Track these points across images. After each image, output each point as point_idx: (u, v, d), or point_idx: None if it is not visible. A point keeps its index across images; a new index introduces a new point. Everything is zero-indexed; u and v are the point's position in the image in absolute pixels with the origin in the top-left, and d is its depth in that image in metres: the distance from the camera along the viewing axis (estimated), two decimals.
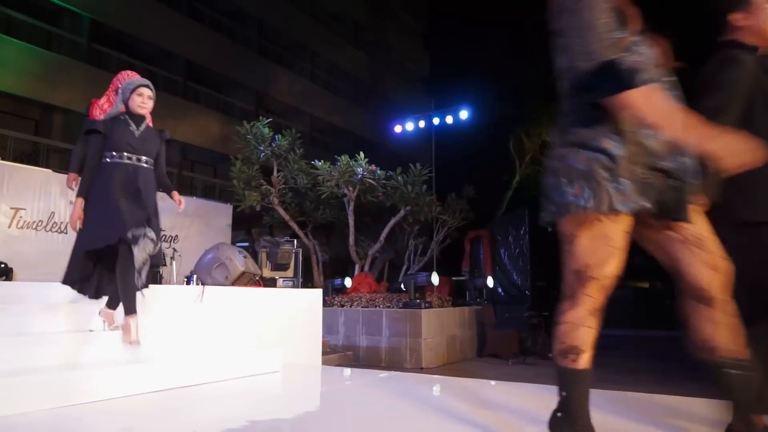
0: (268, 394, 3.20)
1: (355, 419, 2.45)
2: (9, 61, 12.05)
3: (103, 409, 2.49)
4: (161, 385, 2.95)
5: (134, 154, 3.13)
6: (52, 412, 2.36)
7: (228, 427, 2.38)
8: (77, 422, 2.30)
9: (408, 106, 21.29)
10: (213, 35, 16.74)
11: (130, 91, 3.17)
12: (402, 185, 9.62)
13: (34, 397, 2.34)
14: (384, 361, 7.07)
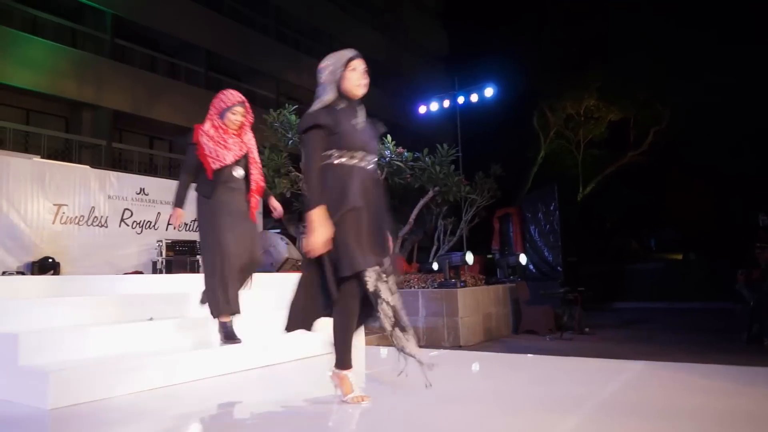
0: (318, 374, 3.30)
1: (425, 395, 2.52)
2: (36, 61, 12.29)
3: (175, 393, 2.60)
4: (224, 369, 3.06)
5: None
6: (133, 397, 2.48)
7: (303, 405, 2.47)
8: (155, 405, 2.41)
9: (428, 87, 21.12)
10: (232, 24, 16.78)
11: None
12: (430, 166, 9.61)
13: (121, 382, 2.47)
14: (422, 340, 7.16)
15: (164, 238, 8.28)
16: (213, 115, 3.31)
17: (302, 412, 2.40)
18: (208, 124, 3.29)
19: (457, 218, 11.25)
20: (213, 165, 3.19)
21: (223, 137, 3.26)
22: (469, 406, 2.35)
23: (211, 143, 3.22)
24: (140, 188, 8.68)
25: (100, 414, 2.24)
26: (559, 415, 2.12)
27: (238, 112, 3.30)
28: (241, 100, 3.31)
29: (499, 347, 6.67)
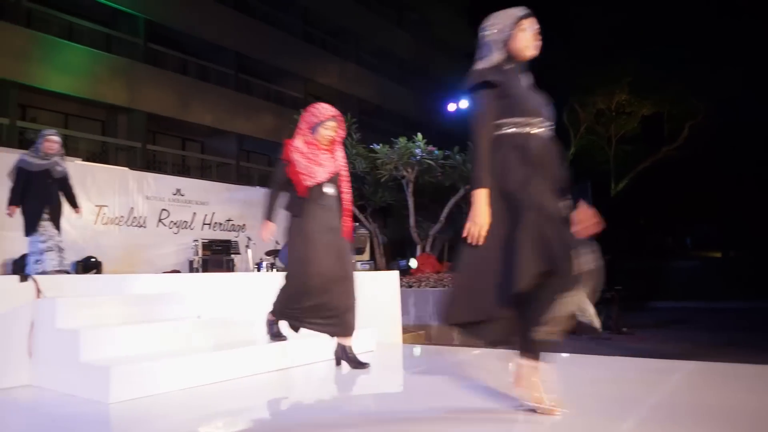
0: (371, 371, 3.32)
1: (471, 391, 2.52)
2: (73, 66, 12.63)
3: (218, 391, 2.64)
4: (266, 367, 3.09)
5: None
6: (187, 392, 2.53)
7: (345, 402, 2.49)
8: (206, 400, 2.46)
9: (456, 84, 21.01)
10: (260, 26, 16.98)
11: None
12: (461, 164, 9.56)
13: (175, 378, 2.53)
14: (456, 339, 7.13)
15: (200, 238, 8.45)
16: (304, 129, 3.14)
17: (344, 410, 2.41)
18: (300, 140, 3.11)
19: None
20: (306, 182, 3.04)
21: (315, 153, 3.09)
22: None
23: (303, 160, 3.05)
24: (176, 189, 8.86)
25: (157, 408, 2.30)
26: (618, 416, 2.09)
27: (331, 127, 3.13)
28: (334, 114, 3.16)
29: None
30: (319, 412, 2.38)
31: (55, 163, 5.16)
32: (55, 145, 5.15)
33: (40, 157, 5.07)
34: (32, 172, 5.03)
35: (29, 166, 5.04)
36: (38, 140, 5.20)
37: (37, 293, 2.85)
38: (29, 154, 5.15)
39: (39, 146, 5.12)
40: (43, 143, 5.10)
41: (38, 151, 5.10)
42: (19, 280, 2.82)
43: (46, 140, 5.12)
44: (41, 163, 5.07)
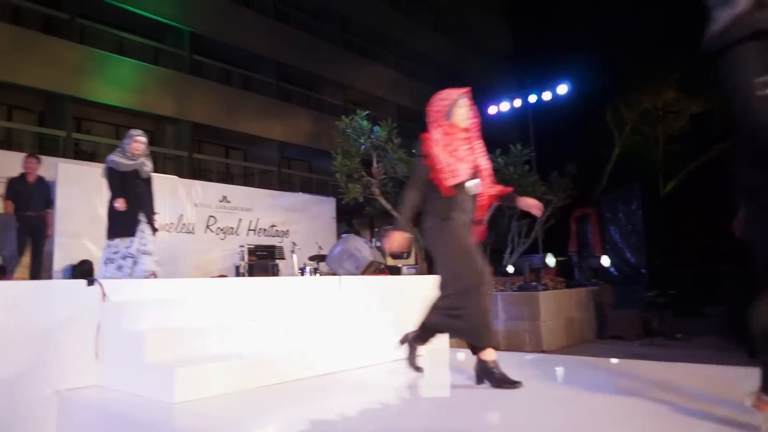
0: (431, 375, 3.30)
1: (523, 398, 2.47)
2: (123, 79, 13.14)
3: (272, 393, 2.67)
4: (319, 370, 3.11)
5: None
6: (249, 393, 2.58)
7: (394, 406, 2.48)
8: (258, 402, 2.50)
9: (494, 87, 20.81)
10: (300, 35, 17.26)
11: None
12: (503, 167, 9.45)
13: (236, 379, 2.58)
14: (502, 344, 7.02)
15: (246, 244, 8.62)
16: (438, 118, 2.89)
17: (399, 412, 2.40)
18: (437, 131, 2.88)
19: (532, 220, 10.99)
20: (449, 181, 2.76)
21: (455, 144, 2.85)
22: (603, 410, 2.27)
23: (444, 155, 2.80)
24: (223, 196, 9.08)
25: (221, 408, 2.35)
26: (695, 423, 2.00)
27: (464, 104, 2.89)
28: (463, 90, 2.90)
29: (587, 351, 6.42)
30: (379, 414, 2.38)
31: (142, 164, 5.04)
32: (142, 146, 5.00)
33: (127, 157, 4.93)
34: (122, 172, 4.91)
35: (119, 166, 4.91)
36: (125, 140, 5.03)
37: (102, 296, 2.95)
38: (117, 154, 4.98)
39: (126, 146, 4.96)
40: (130, 143, 4.94)
41: (125, 152, 4.95)
42: (87, 284, 2.93)
43: (134, 141, 4.96)
44: (129, 164, 4.94)
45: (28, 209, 6.32)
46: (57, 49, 12.01)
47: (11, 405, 2.59)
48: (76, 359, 2.84)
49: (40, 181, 6.53)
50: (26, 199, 6.31)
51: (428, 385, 3.12)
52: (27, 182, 6.38)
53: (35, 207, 6.39)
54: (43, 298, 2.79)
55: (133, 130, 5.13)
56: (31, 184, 6.40)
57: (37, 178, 6.49)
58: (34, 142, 11.87)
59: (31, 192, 6.37)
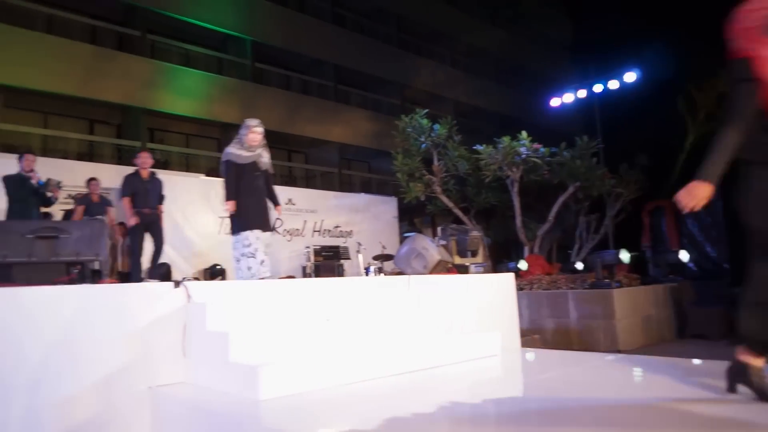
0: (499, 375, 3.25)
1: (622, 402, 2.37)
2: (191, 90, 13.75)
3: (351, 391, 2.69)
4: (394, 369, 3.11)
5: None
6: (319, 393, 2.62)
7: (482, 407, 2.45)
8: (344, 399, 2.53)
9: (555, 78, 20.21)
10: (356, 37, 17.46)
11: None
12: (569, 160, 9.16)
13: (319, 377, 2.63)
14: (575, 343, 6.81)
15: (311, 245, 8.80)
16: (757, 34, 2.05)
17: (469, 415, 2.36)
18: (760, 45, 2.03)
19: (601, 214, 10.58)
20: None
21: None
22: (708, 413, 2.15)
23: None
24: (288, 199, 9.32)
25: (306, 405, 2.40)
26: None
27: None
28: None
29: (667, 351, 6.11)
30: (453, 414, 2.35)
31: (259, 155, 4.72)
32: (259, 136, 4.68)
33: (245, 148, 4.60)
34: (240, 165, 4.57)
35: (237, 158, 4.58)
36: (242, 131, 4.68)
37: (187, 298, 3.09)
38: (234, 146, 4.65)
39: (243, 137, 4.61)
40: (247, 134, 4.60)
41: (243, 143, 4.60)
42: (173, 287, 3.08)
43: (251, 131, 4.62)
44: (248, 155, 4.61)
45: (145, 206, 6.12)
46: (130, 64, 12.73)
47: (110, 400, 2.76)
48: (166, 357, 2.99)
49: (153, 177, 6.33)
50: (142, 196, 6.12)
51: (501, 385, 3.07)
52: (142, 179, 6.21)
53: (150, 204, 6.19)
54: (135, 299, 2.95)
55: (249, 119, 4.78)
56: (146, 180, 6.22)
57: (150, 174, 6.29)
58: (114, 153, 12.64)
59: (146, 188, 6.18)
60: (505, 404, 2.56)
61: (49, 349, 2.63)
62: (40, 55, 11.16)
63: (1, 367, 2.50)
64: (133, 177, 6.20)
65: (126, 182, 6.16)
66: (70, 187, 7.79)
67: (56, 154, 11.11)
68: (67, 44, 11.77)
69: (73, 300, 2.75)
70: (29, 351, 2.58)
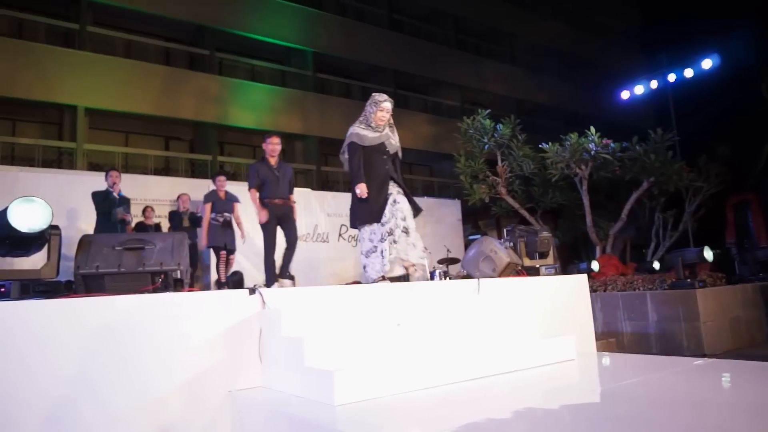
0: (576, 381, 3.14)
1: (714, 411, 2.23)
2: (256, 103, 14.27)
3: (429, 396, 2.68)
4: (467, 375, 3.07)
5: None
6: (405, 395, 2.63)
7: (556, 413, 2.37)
8: (412, 406, 2.52)
9: (622, 70, 19.35)
10: (414, 41, 17.50)
11: None
12: (642, 155, 8.74)
13: (393, 382, 2.65)
14: (654, 347, 6.47)
15: None
16: None
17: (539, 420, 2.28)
18: None
19: (679, 210, 10.01)
20: None
21: None
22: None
23: None
24: None
25: (379, 410, 2.42)
26: None
27: None
28: None
29: (760, 354, 5.68)
30: (527, 418, 2.29)
31: (387, 136, 4.09)
32: (387, 114, 4.08)
33: (372, 128, 4.04)
34: (367, 147, 4.01)
35: (363, 140, 4.03)
36: (369, 108, 4.12)
37: (262, 304, 3.20)
38: (360, 125, 4.10)
39: (370, 115, 4.03)
40: (375, 112, 4.04)
41: (370, 121, 4.04)
42: (249, 293, 3.20)
43: (379, 108, 4.03)
44: (375, 136, 4.03)
45: (276, 196, 5.21)
46: (201, 82, 13.39)
47: (193, 403, 2.90)
48: (244, 362, 3.10)
49: (282, 165, 5.38)
50: (272, 185, 5.19)
51: (579, 391, 2.95)
52: (271, 166, 5.25)
53: (281, 194, 5.28)
54: (213, 306, 3.09)
55: (376, 94, 4.24)
56: (275, 168, 5.25)
57: (278, 163, 5.32)
58: (187, 167, 13.32)
59: (276, 177, 5.22)
60: (583, 410, 2.47)
61: (137, 353, 2.80)
62: (120, 79, 11.97)
63: (96, 369, 2.69)
64: (261, 165, 5.26)
65: (253, 172, 5.25)
66: (150, 200, 8.30)
67: (136, 170, 11.83)
68: (144, 66, 12.56)
69: (157, 307, 2.91)
70: (121, 354, 2.76)
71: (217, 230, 7.03)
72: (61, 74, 11.36)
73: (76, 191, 7.13)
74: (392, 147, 4.21)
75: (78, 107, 11.66)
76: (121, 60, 12.40)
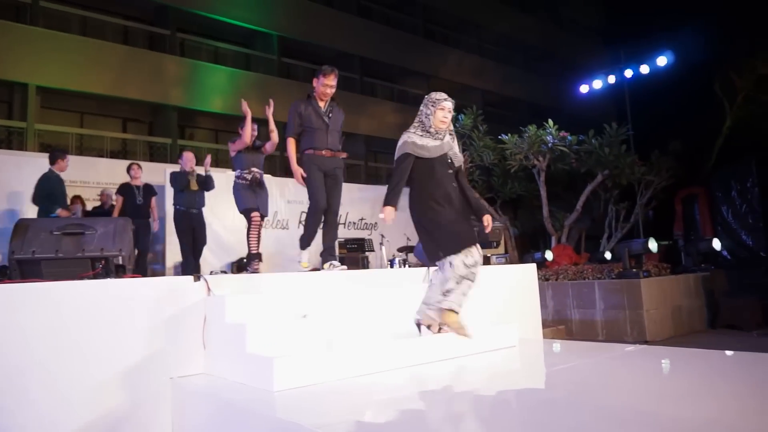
0: (515, 366, 3.25)
1: (634, 389, 2.36)
2: (219, 86, 13.99)
3: (369, 382, 2.74)
4: (411, 361, 3.15)
5: None
6: (343, 381, 2.68)
7: (496, 396, 2.46)
8: (352, 392, 2.58)
9: (586, 64, 19.75)
10: (381, 29, 17.42)
11: None
12: (597, 148, 8.98)
13: (332, 368, 2.70)
14: (601, 334, 6.72)
15: (336, 237, 8.88)
16: None
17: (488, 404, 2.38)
18: None
19: (631, 202, 10.35)
20: None
21: None
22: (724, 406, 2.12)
23: None
24: None
25: (319, 396, 2.47)
26: None
27: None
28: None
29: (697, 342, 5.98)
30: (471, 402, 2.38)
31: (449, 146, 3.21)
32: (449, 116, 3.17)
33: (431, 134, 3.14)
34: (427, 159, 3.12)
35: (422, 150, 3.11)
36: (425, 109, 3.18)
37: (207, 291, 3.20)
38: (416, 132, 3.16)
39: (427, 118, 3.13)
40: (435, 112, 3.12)
41: (427, 126, 3.13)
42: (193, 280, 3.19)
43: (438, 108, 3.12)
44: (436, 145, 3.14)
45: (324, 146, 4.65)
46: (161, 63, 13.04)
47: (134, 390, 2.89)
48: (187, 349, 3.10)
49: (334, 108, 4.91)
50: (320, 133, 4.71)
51: (523, 376, 3.07)
52: (319, 109, 4.79)
53: (332, 144, 4.71)
54: (156, 293, 3.07)
55: (435, 93, 3.23)
56: (323, 113, 4.82)
57: (328, 105, 4.89)
58: (146, 150, 13.00)
59: (325, 123, 4.77)
60: (513, 395, 2.57)
61: (77, 340, 2.77)
62: (75, 57, 11.55)
63: (33, 357, 2.65)
64: (307, 106, 4.68)
65: (293, 114, 4.72)
66: (104, 184, 8.09)
67: (92, 152, 11.50)
68: (101, 45, 12.14)
69: (97, 294, 2.88)
70: (60, 342, 2.72)
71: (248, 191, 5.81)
72: (11, 50, 10.90)
73: (26, 173, 6.88)
74: (457, 159, 3.27)
75: (29, 85, 11.22)
76: (76, 38, 11.96)
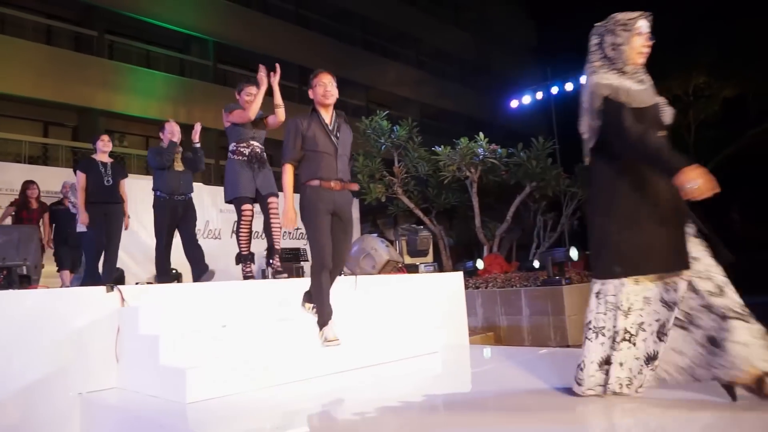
0: (438, 371, 3.33)
1: (538, 392, 2.47)
2: (151, 91, 13.55)
3: (287, 392, 2.74)
4: (336, 368, 3.17)
5: None
6: (259, 392, 2.66)
7: (413, 401, 2.52)
8: (268, 403, 2.57)
9: (519, 80, 20.57)
10: (321, 39, 17.45)
11: None
12: (526, 161, 9.36)
13: (247, 379, 2.67)
14: (527, 340, 6.98)
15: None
16: None
17: (409, 411, 2.43)
18: None
19: (558, 213, 10.83)
20: None
21: None
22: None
23: None
24: None
25: (232, 408, 2.43)
26: None
27: None
28: None
29: None
30: (387, 411, 2.42)
31: (655, 92, 2.29)
32: (649, 44, 2.23)
33: (628, 74, 2.20)
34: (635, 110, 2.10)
35: (628, 95, 2.14)
36: (608, 37, 2.28)
37: (121, 302, 3.09)
38: (605, 71, 2.20)
39: (618, 49, 2.20)
40: (630, 40, 2.21)
41: (619, 61, 2.21)
42: (106, 291, 3.07)
43: (636, 33, 2.22)
44: (642, 89, 2.21)
45: (330, 175, 3.84)
46: (87, 65, 12.47)
47: (38, 407, 2.74)
48: (98, 363, 2.97)
49: (341, 123, 3.45)
50: (325, 157, 3.08)
51: (449, 381, 3.14)
52: (323, 122, 3.45)
53: (340, 172, 2.99)
54: (65, 305, 2.93)
55: (620, 13, 2.32)
56: (329, 127, 3.52)
57: (335, 118, 3.62)
58: (69, 156, 12.35)
59: (331, 142, 3.38)
60: (419, 397, 2.64)
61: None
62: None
63: None
64: (310, 120, 3.52)
65: (292, 131, 3.46)
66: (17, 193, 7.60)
67: (8, 157, 10.80)
68: (20, 44, 11.47)
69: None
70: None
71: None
72: None
73: None
74: (667, 115, 2.35)
75: None
76: None
